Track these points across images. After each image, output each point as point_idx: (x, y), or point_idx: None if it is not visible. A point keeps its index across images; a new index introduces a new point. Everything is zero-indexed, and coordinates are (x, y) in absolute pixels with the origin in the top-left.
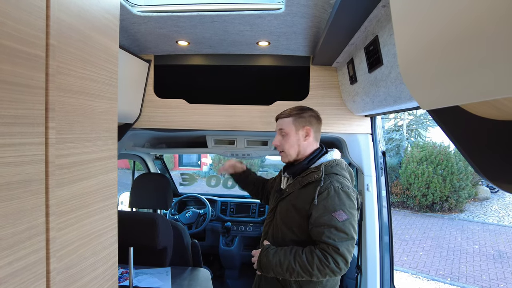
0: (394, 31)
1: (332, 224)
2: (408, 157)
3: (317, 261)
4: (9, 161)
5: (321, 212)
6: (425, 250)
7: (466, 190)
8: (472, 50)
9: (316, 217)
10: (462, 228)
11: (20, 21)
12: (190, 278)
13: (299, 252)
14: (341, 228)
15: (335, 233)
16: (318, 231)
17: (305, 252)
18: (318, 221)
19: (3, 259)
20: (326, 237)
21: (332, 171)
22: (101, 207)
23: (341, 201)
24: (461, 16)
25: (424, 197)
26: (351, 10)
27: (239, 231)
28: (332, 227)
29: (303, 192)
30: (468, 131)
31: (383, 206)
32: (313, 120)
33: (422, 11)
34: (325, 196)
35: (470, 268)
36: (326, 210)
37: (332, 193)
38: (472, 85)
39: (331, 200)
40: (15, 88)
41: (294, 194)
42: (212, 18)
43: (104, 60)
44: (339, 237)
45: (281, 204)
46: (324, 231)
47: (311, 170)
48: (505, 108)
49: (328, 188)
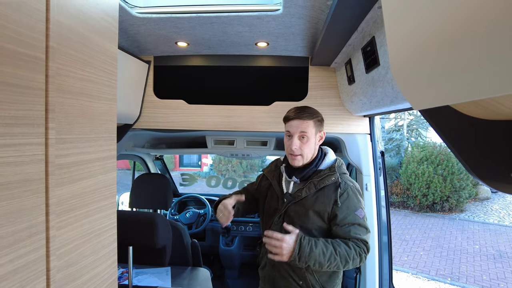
0: (386, 31)
1: (356, 222)
2: (409, 157)
3: (354, 251)
4: (10, 161)
5: (346, 212)
6: (426, 250)
7: (466, 190)
8: (462, 51)
9: (342, 218)
10: (463, 228)
11: (21, 24)
12: (190, 277)
13: (335, 242)
14: (363, 224)
15: (359, 229)
16: (345, 230)
17: (342, 243)
18: (343, 221)
19: (4, 257)
20: (353, 233)
21: (341, 171)
22: (100, 207)
23: (358, 200)
24: (452, 17)
25: (424, 197)
26: (348, 11)
27: (239, 231)
28: (356, 224)
29: (321, 195)
30: (459, 130)
31: (382, 206)
32: (323, 123)
33: (413, 12)
34: (345, 197)
35: (471, 268)
36: (349, 210)
37: (351, 194)
38: (462, 86)
39: (351, 200)
40: (15, 90)
41: (310, 197)
42: (211, 20)
43: (103, 61)
44: (363, 232)
45: (293, 209)
46: (351, 228)
47: (327, 173)
48: (493, 107)
49: (347, 189)
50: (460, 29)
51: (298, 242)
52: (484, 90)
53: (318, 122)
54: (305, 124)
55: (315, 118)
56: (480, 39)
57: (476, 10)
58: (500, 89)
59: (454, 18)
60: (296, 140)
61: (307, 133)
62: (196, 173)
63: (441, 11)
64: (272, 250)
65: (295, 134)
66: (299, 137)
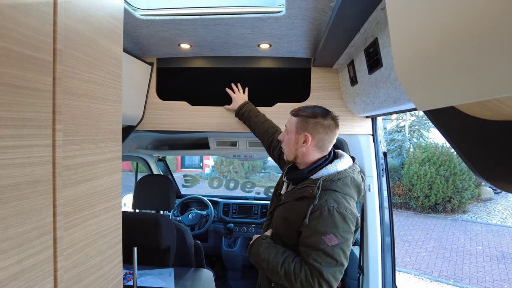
0: (390, 33)
1: (320, 248)
2: (411, 158)
3: (303, 277)
4: (19, 162)
5: (311, 233)
6: (428, 251)
7: (469, 191)
8: (467, 52)
9: (305, 237)
10: (465, 229)
11: (29, 27)
12: (193, 278)
13: (289, 259)
14: (330, 253)
15: (322, 257)
16: (306, 251)
17: (295, 262)
18: (306, 242)
19: (13, 257)
20: (312, 259)
21: (331, 187)
22: (106, 208)
23: (334, 224)
24: (456, 17)
25: (426, 198)
26: (351, 12)
27: (241, 232)
28: (320, 251)
29: (297, 206)
30: (464, 131)
31: (385, 207)
32: (320, 128)
33: (417, 13)
34: (317, 216)
35: (474, 269)
36: (316, 231)
37: (325, 214)
38: (466, 86)
39: (323, 221)
40: (24, 92)
41: (288, 205)
42: (214, 21)
43: (109, 63)
44: (326, 261)
45: (277, 210)
46: (312, 253)
47: (308, 183)
48: (497, 108)
49: (322, 207)
50: (465, 29)
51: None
52: (489, 91)
53: (303, 123)
54: (290, 119)
55: (301, 116)
56: (485, 39)
57: (481, 10)
58: (505, 90)
59: (459, 19)
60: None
61: (287, 128)
62: (198, 175)
63: (446, 12)
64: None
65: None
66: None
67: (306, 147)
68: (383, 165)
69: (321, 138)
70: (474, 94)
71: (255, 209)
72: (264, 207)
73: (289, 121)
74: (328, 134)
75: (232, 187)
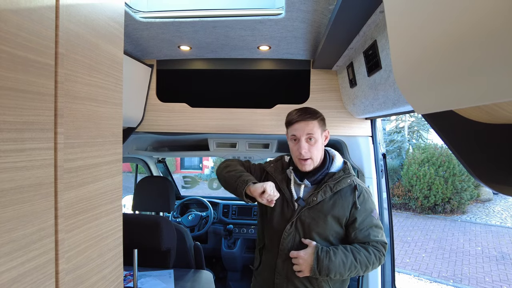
0: (388, 36)
1: (373, 224)
2: (410, 159)
3: (374, 257)
4: (22, 165)
5: (364, 215)
6: (428, 252)
7: (468, 191)
8: (465, 56)
9: (361, 221)
10: (465, 230)
11: (32, 31)
12: (193, 280)
13: (354, 249)
14: (379, 225)
15: (377, 231)
16: (364, 233)
17: (361, 249)
18: (363, 224)
19: (16, 259)
20: (373, 236)
21: (352, 172)
22: (107, 210)
23: (371, 201)
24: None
25: (426, 199)
26: (350, 15)
27: (241, 233)
28: (373, 226)
29: (338, 198)
30: (461, 134)
31: (384, 208)
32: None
33: (416, 17)
34: (362, 199)
35: (473, 269)
36: (367, 212)
37: (366, 196)
38: (465, 91)
39: (367, 202)
40: (26, 96)
41: (326, 202)
42: (213, 24)
43: (110, 67)
44: (380, 232)
45: (307, 214)
46: (369, 231)
47: (342, 175)
48: (495, 112)
49: (361, 191)
50: (463, 33)
51: (315, 255)
52: (487, 95)
53: (322, 121)
54: (311, 125)
55: (319, 117)
56: (484, 44)
57: (479, 15)
58: (502, 95)
59: (457, 22)
60: (304, 144)
61: (314, 135)
62: (197, 176)
63: (444, 16)
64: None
65: (302, 137)
66: (306, 139)
67: (324, 144)
68: (382, 166)
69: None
70: (473, 99)
71: (255, 210)
72: None
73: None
74: None
75: None
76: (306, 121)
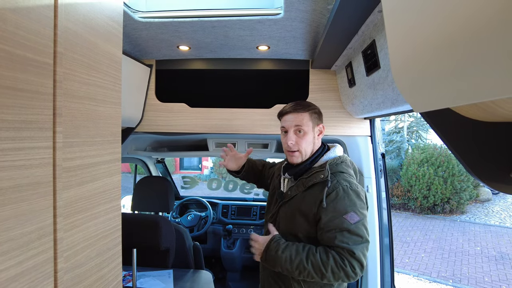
0: (387, 35)
1: (344, 227)
2: (409, 159)
3: (333, 263)
4: (20, 164)
5: (331, 215)
6: (427, 252)
7: (467, 191)
8: (462, 54)
9: (326, 221)
10: (464, 230)
11: (30, 30)
12: (192, 280)
13: (313, 250)
14: (355, 231)
15: (348, 237)
16: (329, 236)
17: (319, 251)
18: (328, 225)
19: (14, 258)
20: (339, 241)
21: (338, 169)
22: (106, 209)
23: (351, 202)
24: (452, 20)
25: (425, 199)
26: (349, 15)
27: (240, 233)
28: (345, 230)
29: (309, 194)
30: (460, 132)
31: (383, 208)
32: (322, 117)
33: (413, 16)
34: (333, 197)
35: (472, 269)
36: (336, 212)
37: (341, 194)
38: (462, 88)
39: (341, 201)
40: (25, 95)
41: (298, 197)
42: (212, 24)
43: (108, 66)
44: (353, 240)
45: (283, 209)
46: (336, 235)
47: (316, 169)
48: (492, 110)
49: (337, 188)
50: (460, 32)
51: (267, 244)
52: (484, 93)
53: (315, 115)
54: (300, 117)
55: (311, 110)
56: (480, 42)
57: (476, 13)
58: (499, 92)
59: (454, 22)
60: (291, 135)
61: (303, 127)
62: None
63: (441, 15)
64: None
65: (290, 128)
66: (295, 131)
67: (319, 139)
68: (381, 166)
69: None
70: (470, 96)
71: (254, 210)
72: (263, 209)
73: (300, 120)
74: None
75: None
76: (296, 112)
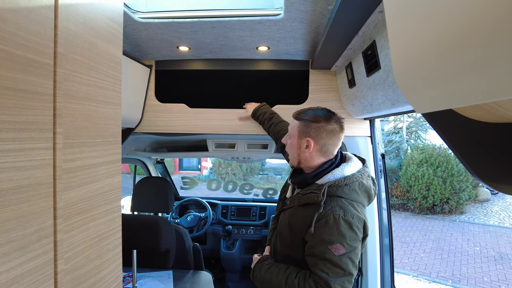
0: (388, 36)
1: (326, 258)
2: (408, 159)
3: None
4: (20, 165)
5: (316, 242)
6: (426, 252)
7: (466, 192)
8: (465, 55)
9: (311, 247)
10: (463, 230)
11: (31, 31)
12: (192, 281)
13: (292, 275)
14: (337, 262)
15: (329, 267)
16: (312, 262)
17: (298, 277)
18: (312, 251)
19: (14, 260)
20: (319, 269)
21: (337, 193)
22: (106, 210)
23: (339, 233)
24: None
25: (424, 199)
26: (349, 15)
27: (240, 234)
28: (327, 261)
29: (301, 212)
30: (462, 133)
31: (383, 208)
32: (323, 133)
33: (415, 16)
34: (322, 224)
35: (471, 270)
36: (321, 241)
37: (330, 222)
38: (464, 89)
39: (328, 230)
40: (25, 95)
41: (292, 210)
42: (212, 24)
43: (108, 66)
44: (334, 272)
45: (283, 216)
46: (318, 262)
47: (312, 189)
48: (494, 111)
49: (327, 215)
50: (463, 32)
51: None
52: (486, 94)
53: (304, 127)
54: (293, 124)
55: (301, 119)
56: (483, 42)
57: (479, 13)
58: (502, 93)
59: (456, 22)
60: (285, 136)
61: (290, 132)
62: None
63: (443, 15)
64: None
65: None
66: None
67: (309, 152)
68: (381, 167)
69: (325, 143)
70: (472, 97)
71: (254, 211)
72: (263, 209)
73: (291, 125)
74: (331, 138)
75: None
76: (293, 118)
